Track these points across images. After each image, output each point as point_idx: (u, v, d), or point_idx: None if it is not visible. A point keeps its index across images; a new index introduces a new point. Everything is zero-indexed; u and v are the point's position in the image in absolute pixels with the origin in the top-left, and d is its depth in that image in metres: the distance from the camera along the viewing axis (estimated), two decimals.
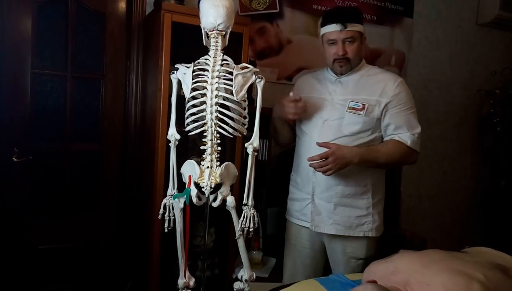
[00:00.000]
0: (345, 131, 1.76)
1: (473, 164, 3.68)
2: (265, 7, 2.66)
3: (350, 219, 1.80)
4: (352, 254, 1.82)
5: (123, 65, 2.37)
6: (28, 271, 2.23)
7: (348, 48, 1.75)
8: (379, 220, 1.85)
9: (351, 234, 1.80)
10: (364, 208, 1.81)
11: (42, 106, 2.23)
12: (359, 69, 1.83)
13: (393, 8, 3.09)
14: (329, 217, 1.80)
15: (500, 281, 1.23)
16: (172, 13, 1.93)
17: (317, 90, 1.87)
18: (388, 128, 1.79)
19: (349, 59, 1.76)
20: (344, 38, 1.74)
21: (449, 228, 3.65)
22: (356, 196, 1.80)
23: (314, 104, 1.84)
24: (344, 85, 1.82)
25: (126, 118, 2.40)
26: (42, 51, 2.20)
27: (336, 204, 1.79)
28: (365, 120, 1.75)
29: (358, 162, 1.70)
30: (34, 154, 2.20)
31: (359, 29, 1.75)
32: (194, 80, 1.45)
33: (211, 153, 1.45)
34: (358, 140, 1.76)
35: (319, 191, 1.81)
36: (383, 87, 1.77)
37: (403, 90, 1.78)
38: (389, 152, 1.76)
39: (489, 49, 3.59)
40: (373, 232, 1.82)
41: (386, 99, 1.75)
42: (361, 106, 1.75)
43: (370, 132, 1.77)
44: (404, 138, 1.76)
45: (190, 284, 1.58)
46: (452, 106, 3.48)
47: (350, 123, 1.75)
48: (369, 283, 1.26)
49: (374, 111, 1.75)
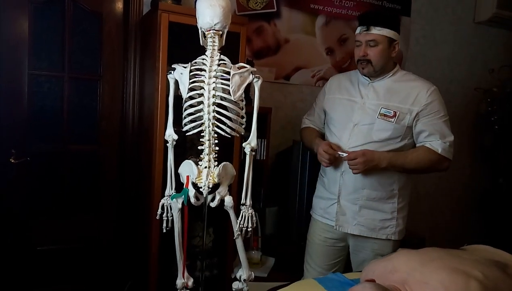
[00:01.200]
0: (375, 137, 1.77)
1: (471, 162, 3.68)
2: (262, 6, 2.66)
3: (374, 222, 1.82)
4: (379, 252, 1.84)
5: (121, 65, 2.37)
6: (27, 272, 2.23)
7: (370, 51, 1.75)
8: (402, 224, 1.87)
9: (374, 235, 1.83)
10: (389, 212, 1.83)
11: (40, 107, 2.23)
12: (393, 74, 1.83)
13: (390, 6, 3.09)
14: (353, 218, 1.83)
15: (498, 278, 1.23)
16: (169, 13, 1.93)
17: (349, 92, 1.89)
18: (420, 135, 1.80)
19: (371, 61, 1.76)
20: (367, 41, 1.74)
21: (447, 226, 3.65)
22: (382, 200, 1.82)
23: (344, 106, 1.86)
24: (377, 90, 1.82)
25: (123, 118, 2.39)
26: (39, 52, 2.20)
27: (362, 206, 1.81)
28: (395, 127, 1.75)
29: (386, 166, 1.74)
30: (32, 155, 2.19)
31: (385, 34, 1.73)
32: (191, 80, 1.44)
33: (209, 153, 1.44)
34: (387, 146, 1.77)
35: (345, 193, 1.83)
36: (415, 95, 1.77)
37: (436, 99, 1.78)
38: (418, 158, 1.78)
39: (487, 47, 3.59)
40: (396, 235, 1.84)
41: (418, 108, 1.76)
42: (392, 113, 1.76)
43: (400, 139, 1.78)
44: (435, 146, 1.78)
45: (189, 284, 1.58)
46: (450, 105, 3.44)
47: (380, 129, 1.76)
48: (368, 282, 1.26)
49: (405, 119, 1.76)
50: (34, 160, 2.20)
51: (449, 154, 1.80)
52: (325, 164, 1.82)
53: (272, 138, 2.60)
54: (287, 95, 2.83)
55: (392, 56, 1.80)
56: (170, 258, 1.95)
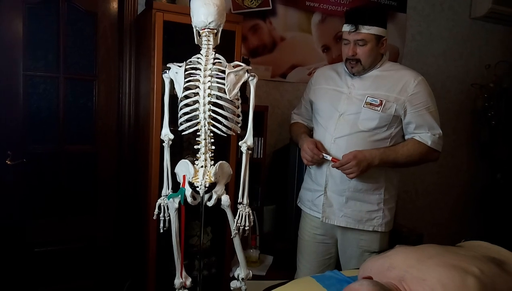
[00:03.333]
0: (361, 126, 1.76)
1: (469, 158, 3.69)
2: (257, 4, 2.65)
3: (361, 213, 1.82)
4: (366, 247, 1.84)
5: (116, 65, 2.36)
6: (25, 274, 2.22)
7: (359, 50, 1.74)
8: (389, 215, 1.87)
9: (361, 227, 1.82)
10: (375, 203, 1.83)
11: (35, 108, 2.22)
12: (380, 65, 1.82)
13: (386, 3, 3.09)
14: (340, 210, 1.82)
15: (495, 274, 1.23)
16: (163, 12, 1.92)
17: (336, 82, 1.88)
18: (409, 127, 1.79)
19: (360, 60, 1.76)
20: (356, 40, 1.73)
21: (446, 222, 3.66)
22: (368, 191, 1.81)
23: (331, 96, 1.85)
24: (364, 80, 1.81)
25: (120, 118, 2.39)
26: (34, 53, 2.19)
27: (348, 197, 1.81)
28: (381, 116, 1.75)
29: (379, 164, 1.73)
30: (28, 156, 2.18)
31: (374, 32, 1.72)
32: (187, 79, 1.44)
33: (205, 152, 1.44)
34: (374, 136, 1.77)
35: (332, 184, 1.82)
36: (403, 84, 1.76)
37: (423, 89, 1.77)
38: (409, 152, 1.78)
39: (483, 43, 3.60)
40: (383, 227, 1.84)
41: (405, 97, 1.75)
42: (378, 102, 1.75)
43: (386, 128, 1.78)
44: (425, 138, 1.78)
45: (187, 284, 1.58)
46: (447, 101, 3.49)
47: (366, 119, 1.76)
48: (365, 279, 1.26)
49: (391, 108, 1.75)
50: (31, 161, 2.19)
51: (439, 146, 1.81)
52: (306, 161, 1.81)
53: (269, 136, 2.60)
54: (284, 94, 2.82)
55: (380, 52, 1.80)
56: (169, 258, 1.95)
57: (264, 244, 2.48)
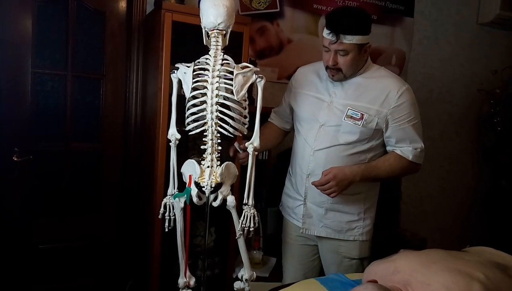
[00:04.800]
0: (341, 140, 1.70)
1: (473, 164, 3.68)
2: (265, 6, 2.66)
3: (341, 224, 1.78)
4: (346, 254, 1.81)
5: (123, 64, 2.37)
6: (29, 270, 2.23)
7: (340, 60, 1.63)
8: (370, 224, 1.83)
9: (341, 237, 1.79)
10: (355, 213, 1.79)
11: (43, 105, 2.23)
12: (363, 71, 1.73)
13: (393, 7, 3.09)
14: (319, 220, 1.79)
15: (500, 280, 1.23)
16: (172, 12, 1.93)
17: (317, 88, 1.79)
18: (390, 140, 1.73)
19: (341, 69, 1.67)
20: (336, 50, 1.62)
21: (450, 228, 3.64)
22: (348, 202, 1.77)
23: (311, 104, 1.78)
24: (346, 88, 1.72)
25: (126, 117, 2.40)
26: (42, 51, 2.20)
27: (328, 209, 1.77)
28: (362, 130, 1.68)
29: (360, 180, 1.67)
30: (35, 153, 2.19)
31: (356, 41, 1.59)
32: (195, 79, 1.45)
33: (211, 153, 1.45)
34: (354, 149, 1.71)
35: (311, 195, 1.78)
36: (385, 96, 1.67)
37: (406, 100, 1.68)
38: (390, 167, 1.72)
39: (490, 48, 3.59)
40: (363, 236, 1.80)
41: (387, 110, 1.67)
42: (359, 115, 1.67)
43: (366, 141, 1.71)
44: (406, 152, 1.72)
45: (191, 284, 1.58)
46: (453, 106, 3.48)
47: (347, 132, 1.69)
48: (370, 282, 1.26)
49: (372, 122, 1.67)
50: (37, 158, 2.20)
51: (420, 160, 1.75)
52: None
53: None
54: None
55: (363, 59, 1.70)
56: (172, 257, 1.95)
57: (267, 245, 2.48)
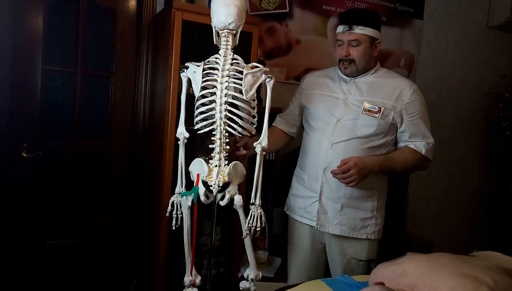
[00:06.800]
0: (359, 133, 1.75)
1: (480, 167, 3.66)
2: (274, 7, 2.66)
3: (356, 220, 1.80)
4: (353, 255, 1.82)
5: (133, 63, 2.38)
6: (35, 266, 2.25)
7: (353, 51, 1.73)
8: (381, 223, 1.86)
9: (355, 235, 1.81)
10: (369, 210, 1.81)
11: (52, 102, 2.25)
12: (374, 72, 1.82)
13: (403, 9, 3.08)
14: (335, 217, 1.80)
15: (508, 286, 1.22)
16: (182, 11, 1.94)
17: (330, 88, 1.86)
18: (403, 135, 1.80)
19: (354, 61, 1.74)
20: (349, 40, 1.73)
21: (456, 231, 3.62)
22: (363, 198, 1.80)
23: (326, 102, 1.83)
24: (359, 86, 1.80)
25: (134, 115, 2.41)
26: (52, 48, 2.22)
27: (344, 204, 1.79)
28: (379, 123, 1.74)
29: (378, 171, 1.73)
30: (44, 149, 2.21)
31: (367, 33, 1.71)
32: (204, 78, 1.45)
33: (219, 152, 1.45)
34: (370, 143, 1.76)
35: (327, 190, 1.79)
36: (399, 92, 1.76)
37: (418, 97, 1.78)
38: (406, 160, 1.79)
39: (499, 52, 3.56)
40: (375, 234, 1.83)
41: (401, 105, 1.75)
42: (377, 109, 1.74)
43: (383, 136, 1.77)
44: (419, 147, 1.79)
45: (196, 282, 1.59)
46: (461, 109, 3.46)
47: (364, 125, 1.74)
48: (377, 285, 1.26)
49: (389, 115, 1.75)
50: (45, 155, 2.22)
51: (431, 155, 1.82)
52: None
53: None
54: None
55: (373, 55, 1.79)
56: (177, 256, 1.96)
57: (273, 245, 2.48)
